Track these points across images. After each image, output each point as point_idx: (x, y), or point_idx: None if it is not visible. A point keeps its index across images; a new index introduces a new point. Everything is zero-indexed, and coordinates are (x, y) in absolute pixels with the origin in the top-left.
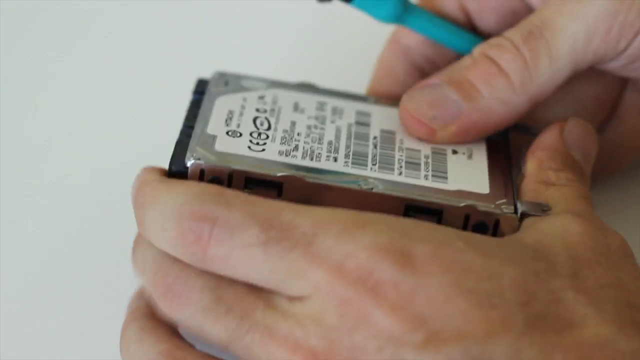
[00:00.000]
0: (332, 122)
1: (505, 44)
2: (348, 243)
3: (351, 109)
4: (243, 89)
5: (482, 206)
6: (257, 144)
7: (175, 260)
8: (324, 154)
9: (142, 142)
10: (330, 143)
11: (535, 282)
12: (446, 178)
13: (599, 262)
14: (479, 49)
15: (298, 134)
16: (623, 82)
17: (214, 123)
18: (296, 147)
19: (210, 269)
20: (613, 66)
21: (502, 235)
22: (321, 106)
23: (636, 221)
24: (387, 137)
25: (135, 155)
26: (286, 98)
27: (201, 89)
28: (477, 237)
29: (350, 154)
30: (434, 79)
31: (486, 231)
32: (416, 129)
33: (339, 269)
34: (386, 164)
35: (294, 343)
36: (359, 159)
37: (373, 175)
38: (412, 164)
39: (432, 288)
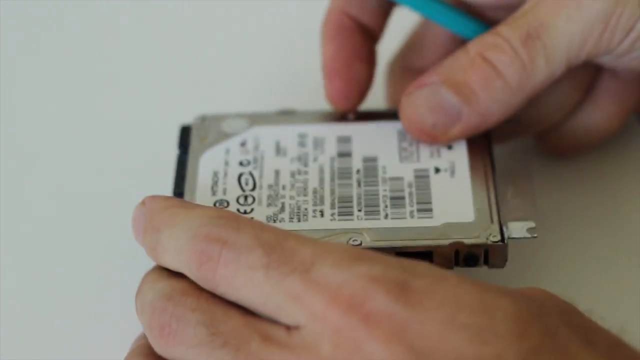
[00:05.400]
0: (315, 159)
1: (503, 45)
2: (343, 272)
3: (332, 135)
4: (224, 135)
5: (469, 240)
6: (245, 212)
7: (170, 298)
8: (310, 209)
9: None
10: (315, 192)
11: (528, 315)
12: (431, 210)
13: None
14: (476, 48)
15: (283, 187)
16: (599, 67)
17: (201, 193)
18: (282, 207)
19: (217, 290)
20: (601, 61)
21: (494, 262)
22: (302, 140)
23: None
24: (370, 167)
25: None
26: (267, 138)
27: (185, 139)
28: (470, 278)
29: (336, 202)
30: (431, 77)
31: (477, 261)
32: (419, 136)
33: (334, 296)
34: (372, 206)
35: None
36: (345, 207)
37: (360, 226)
38: (397, 199)
39: (426, 323)
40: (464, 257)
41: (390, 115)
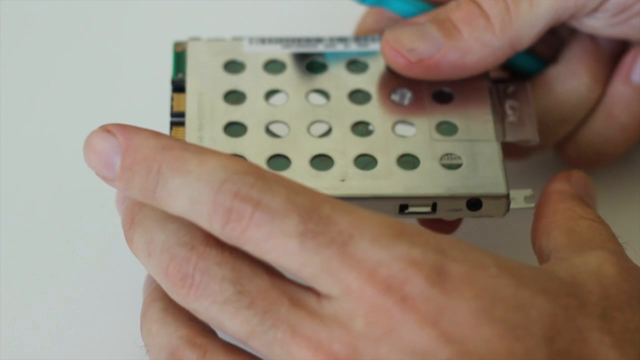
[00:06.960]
0: None
1: None
2: (382, 250)
3: None
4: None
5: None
6: None
7: (193, 247)
8: None
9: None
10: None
11: (563, 318)
12: None
13: (630, 305)
14: None
15: None
16: (608, 73)
17: None
18: None
19: (243, 248)
20: (596, 23)
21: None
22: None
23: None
24: None
25: None
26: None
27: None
28: (512, 263)
29: None
30: (419, 19)
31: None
32: (394, 59)
33: (371, 275)
34: None
35: (317, 344)
36: None
37: None
38: None
39: (461, 311)
40: None
41: None
